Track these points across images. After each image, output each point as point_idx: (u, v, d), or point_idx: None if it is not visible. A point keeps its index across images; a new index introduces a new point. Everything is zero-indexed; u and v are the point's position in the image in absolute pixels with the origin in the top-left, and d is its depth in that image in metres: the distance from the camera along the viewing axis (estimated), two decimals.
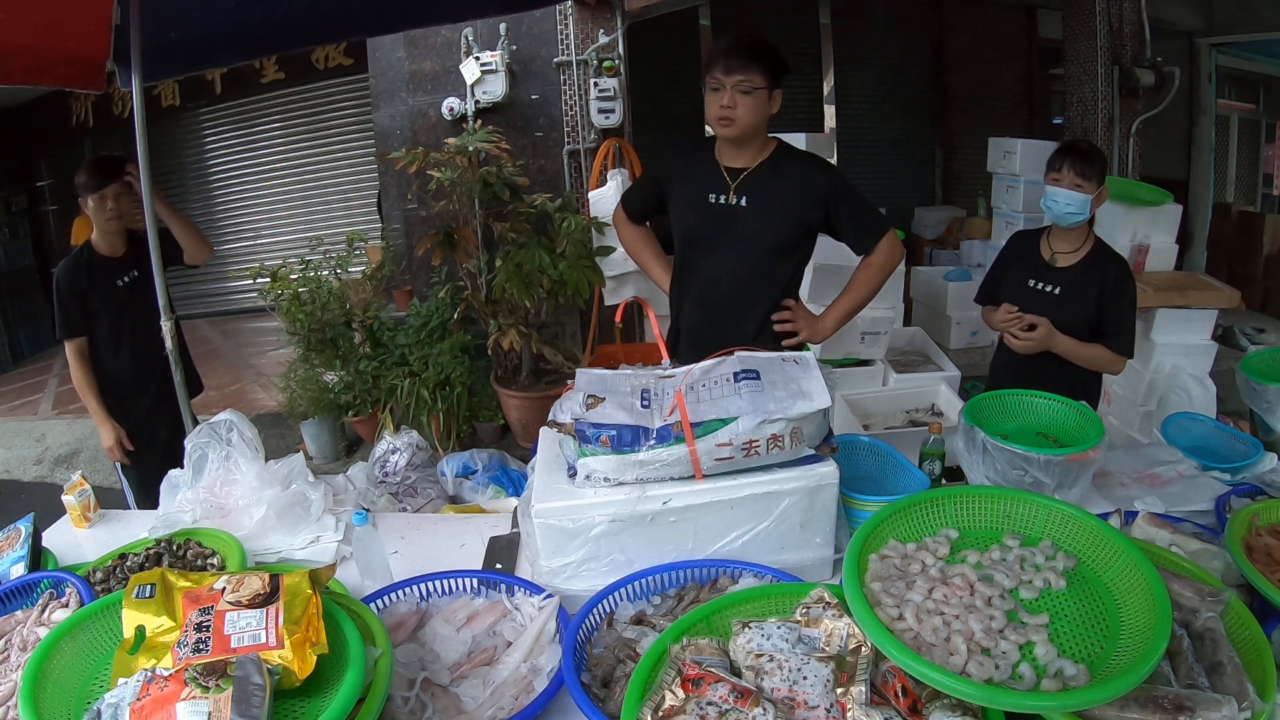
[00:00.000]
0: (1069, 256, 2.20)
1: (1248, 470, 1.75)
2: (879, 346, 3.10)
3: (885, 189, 6.42)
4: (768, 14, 6.11)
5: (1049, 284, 2.21)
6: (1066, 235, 2.20)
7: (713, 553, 1.38)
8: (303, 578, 1.11)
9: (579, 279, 3.72)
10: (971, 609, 1.02)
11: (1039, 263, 2.25)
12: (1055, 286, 2.20)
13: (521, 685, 1.19)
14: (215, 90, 6.94)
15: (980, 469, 1.61)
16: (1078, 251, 2.20)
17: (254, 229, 7.33)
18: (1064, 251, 2.21)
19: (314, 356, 4.17)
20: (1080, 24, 4.69)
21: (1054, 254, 2.23)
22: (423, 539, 1.73)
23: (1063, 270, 2.20)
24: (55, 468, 4.53)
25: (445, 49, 4.56)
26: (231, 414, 1.76)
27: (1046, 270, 2.22)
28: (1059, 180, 2.12)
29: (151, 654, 1.03)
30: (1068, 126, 5.01)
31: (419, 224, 4.72)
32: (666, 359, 1.69)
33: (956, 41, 6.51)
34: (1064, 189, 2.11)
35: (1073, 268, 2.19)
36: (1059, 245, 2.22)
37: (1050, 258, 2.23)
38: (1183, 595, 1.09)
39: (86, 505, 1.85)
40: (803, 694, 0.94)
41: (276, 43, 3.19)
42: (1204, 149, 6.19)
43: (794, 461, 1.37)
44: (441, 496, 2.62)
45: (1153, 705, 0.90)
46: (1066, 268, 2.20)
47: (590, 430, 1.34)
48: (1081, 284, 2.17)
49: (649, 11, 4.44)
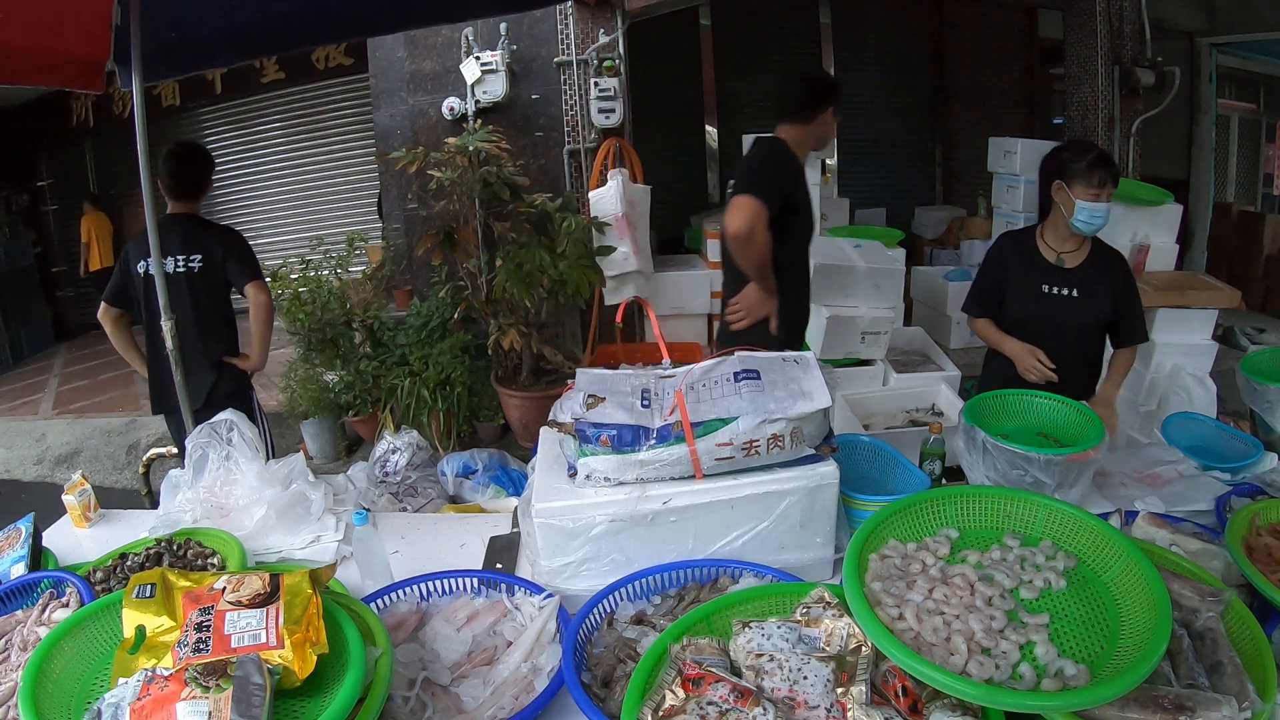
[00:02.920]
0: (1075, 256, 2.17)
1: (1248, 470, 1.75)
2: (879, 346, 3.09)
3: (885, 189, 6.42)
4: (768, 14, 6.11)
5: (1064, 287, 2.17)
6: (1068, 235, 2.17)
7: (713, 552, 1.38)
8: (303, 578, 1.11)
9: (579, 279, 3.72)
10: (972, 609, 1.02)
11: (1046, 266, 2.19)
12: (1072, 289, 2.16)
13: (522, 685, 1.19)
14: (215, 90, 6.94)
15: (980, 469, 1.61)
16: (1081, 250, 2.17)
17: (254, 229, 7.32)
18: (1069, 252, 2.17)
19: (314, 356, 4.17)
20: (1080, 24, 4.69)
21: (1060, 255, 2.18)
22: (423, 539, 1.73)
23: (1073, 271, 2.17)
24: (55, 468, 4.53)
25: (445, 49, 4.56)
26: (232, 414, 1.76)
27: (1057, 273, 2.18)
28: (1099, 196, 2.05)
29: (152, 654, 1.03)
30: (1068, 126, 5.01)
31: (419, 224, 4.72)
32: (666, 359, 1.69)
33: (956, 41, 6.51)
34: (1104, 204, 2.06)
35: (1081, 268, 2.16)
36: (1063, 246, 2.18)
37: (1057, 260, 2.18)
38: (1183, 595, 1.09)
39: (86, 505, 1.85)
40: (803, 694, 0.94)
41: (277, 43, 3.18)
42: (1204, 149, 6.19)
43: (794, 461, 1.37)
44: (442, 496, 2.62)
45: (1153, 705, 0.90)
46: (1075, 269, 2.17)
47: (590, 430, 1.34)
48: (1094, 284, 2.15)
49: (649, 11, 4.44)
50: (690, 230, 5.32)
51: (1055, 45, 5.29)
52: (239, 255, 2.69)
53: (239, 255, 2.69)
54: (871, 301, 3.03)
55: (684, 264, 4.70)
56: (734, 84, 6.17)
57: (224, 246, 2.67)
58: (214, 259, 2.64)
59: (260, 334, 2.71)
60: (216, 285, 2.66)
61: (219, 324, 2.70)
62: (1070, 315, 2.14)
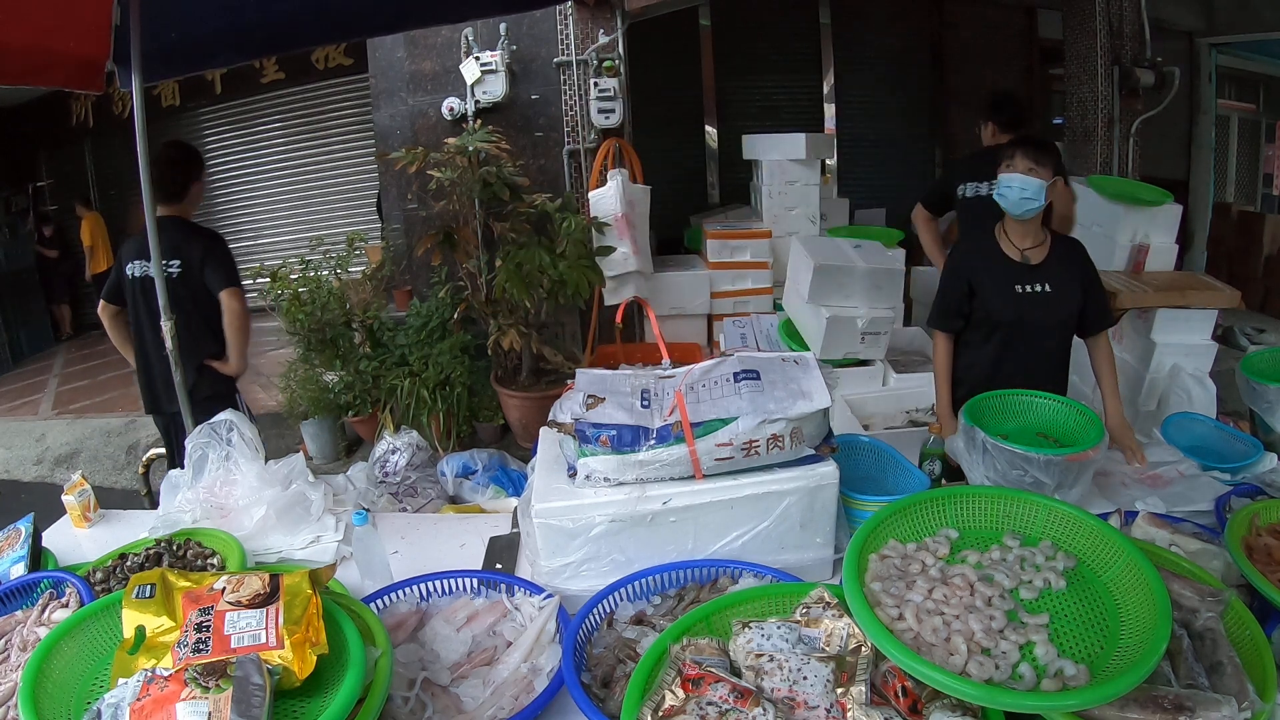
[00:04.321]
0: (1039, 251, 2.13)
1: (1248, 470, 1.75)
2: (879, 346, 3.09)
3: (885, 189, 6.41)
4: (768, 14, 6.11)
5: (1036, 284, 2.12)
6: (1032, 232, 2.12)
7: (713, 553, 1.38)
8: (303, 578, 1.11)
9: (579, 279, 3.72)
10: (971, 609, 1.02)
11: (1013, 265, 2.14)
12: (1044, 285, 2.12)
13: (521, 685, 1.19)
14: (215, 90, 6.94)
15: (980, 469, 1.61)
16: (1044, 245, 2.14)
17: (254, 229, 7.34)
18: (1032, 247, 2.13)
19: (314, 356, 4.17)
20: (1080, 24, 4.69)
21: (1024, 252, 2.13)
22: (423, 539, 1.73)
23: (1040, 267, 2.12)
24: (55, 468, 4.53)
25: (445, 49, 4.56)
26: (231, 414, 1.76)
27: (1027, 271, 2.13)
28: (1011, 167, 2.05)
29: (151, 654, 1.03)
30: (1068, 126, 5.01)
31: (419, 224, 4.72)
32: (666, 359, 1.69)
33: (956, 41, 6.50)
34: (1018, 174, 2.03)
35: (1048, 261, 2.13)
36: (1024, 242, 2.13)
37: (1022, 257, 2.13)
38: (1183, 595, 1.09)
39: (86, 505, 1.85)
40: (803, 694, 0.94)
41: (276, 43, 3.18)
42: (1204, 149, 6.20)
43: (794, 461, 1.37)
44: (441, 496, 2.63)
45: (1153, 705, 0.90)
46: (1042, 263, 2.13)
47: (590, 430, 1.34)
48: (1064, 277, 2.12)
49: (649, 11, 4.44)
50: (690, 230, 5.32)
51: (1055, 45, 5.29)
52: (216, 262, 2.67)
53: (216, 262, 2.67)
54: (871, 301, 3.02)
55: (684, 264, 4.70)
56: (734, 84, 6.17)
57: (203, 252, 2.65)
58: (192, 265, 2.63)
59: (234, 341, 2.70)
60: (196, 290, 2.65)
61: (200, 328, 2.68)
62: (1048, 312, 2.11)
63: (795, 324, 3.27)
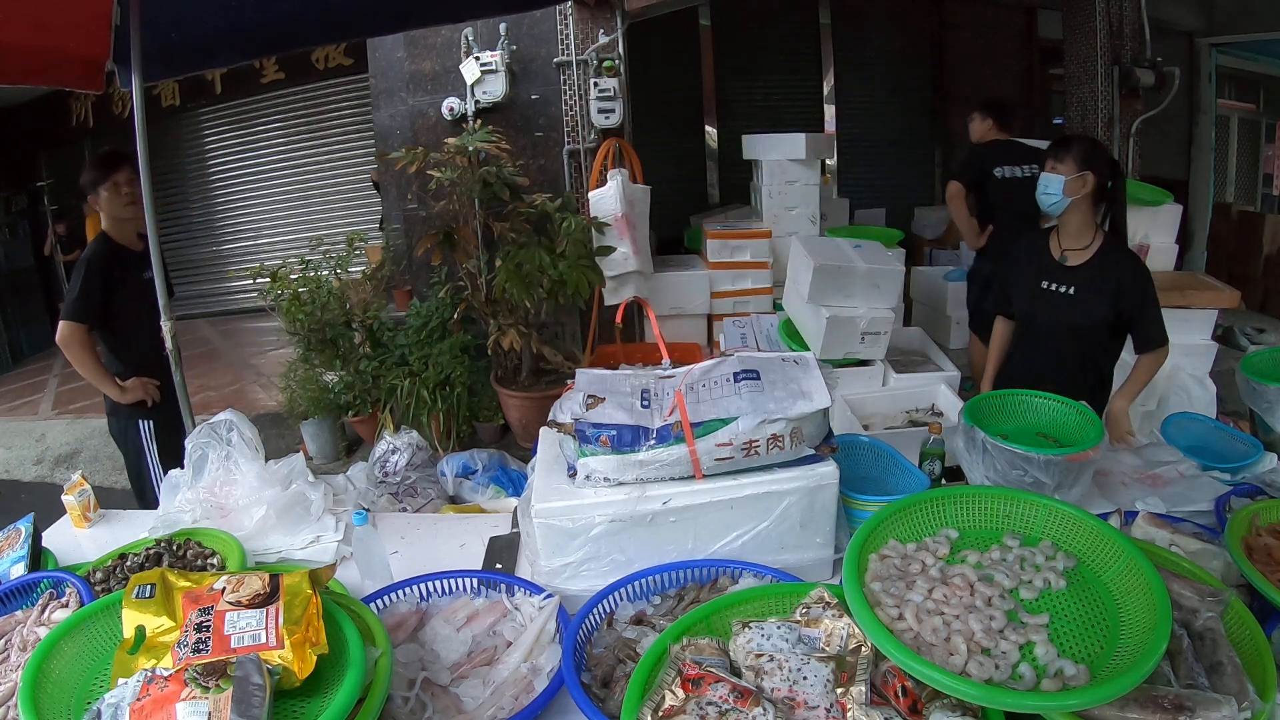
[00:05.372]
0: (1079, 254, 2.14)
1: (1248, 470, 1.75)
2: (879, 346, 3.08)
3: (885, 189, 6.42)
4: (768, 14, 6.11)
5: (1062, 284, 2.15)
6: (1073, 233, 2.14)
7: (713, 553, 1.38)
8: (303, 578, 1.11)
9: (579, 279, 3.72)
10: (971, 609, 1.02)
11: (1049, 263, 2.18)
12: (1069, 287, 2.14)
13: (521, 685, 1.19)
14: (215, 90, 6.95)
15: (980, 469, 1.61)
16: (1088, 249, 2.14)
17: (254, 229, 7.34)
18: (1073, 249, 2.15)
19: (314, 356, 4.17)
20: (1080, 24, 4.69)
21: (1064, 252, 2.16)
22: (423, 539, 1.73)
23: (1074, 269, 2.15)
24: (55, 468, 4.53)
25: (445, 49, 4.56)
26: (231, 414, 1.76)
27: (1058, 270, 2.16)
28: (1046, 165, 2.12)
29: (151, 654, 1.03)
30: (1068, 126, 5.00)
31: (419, 224, 4.72)
32: (666, 359, 1.69)
33: (956, 41, 6.51)
34: (1045, 171, 2.11)
35: (1085, 266, 2.14)
36: (1071, 243, 2.16)
37: (1060, 257, 2.17)
38: (1183, 595, 1.09)
39: (86, 505, 1.85)
40: (803, 694, 0.94)
41: (276, 43, 3.18)
42: (1204, 149, 6.20)
43: (794, 461, 1.37)
44: (441, 496, 2.63)
45: (1153, 705, 0.90)
46: (1078, 266, 2.14)
47: (590, 430, 1.34)
48: (1096, 283, 2.11)
49: (649, 11, 4.44)
50: (690, 230, 5.33)
51: (1055, 45, 5.29)
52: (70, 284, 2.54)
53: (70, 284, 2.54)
54: (871, 301, 3.02)
55: (684, 264, 4.69)
56: (734, 84, 6.18)
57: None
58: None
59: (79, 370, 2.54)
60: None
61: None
62: (1063, 313, 2.12)
63: (795, 324, 3.27)
